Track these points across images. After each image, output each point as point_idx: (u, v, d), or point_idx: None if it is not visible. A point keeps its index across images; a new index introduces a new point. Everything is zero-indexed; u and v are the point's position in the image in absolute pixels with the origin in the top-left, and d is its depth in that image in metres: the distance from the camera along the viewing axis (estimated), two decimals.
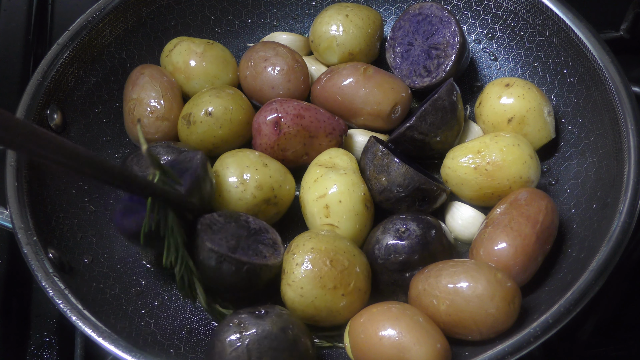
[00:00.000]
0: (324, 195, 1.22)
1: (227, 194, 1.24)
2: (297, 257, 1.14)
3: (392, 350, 1.03)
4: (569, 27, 1.36)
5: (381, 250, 1.18)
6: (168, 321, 1.23)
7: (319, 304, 1.12)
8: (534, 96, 1.32)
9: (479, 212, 1.28)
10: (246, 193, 1.24)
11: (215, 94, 1.35)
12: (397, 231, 1.18)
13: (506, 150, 1.25)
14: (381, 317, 1.07)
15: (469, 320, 1.07)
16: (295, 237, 1.20)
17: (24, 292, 1.36)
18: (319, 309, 1.12)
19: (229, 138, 1.35)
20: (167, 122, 1.37)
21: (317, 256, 1.12)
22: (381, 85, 1.36)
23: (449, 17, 1.40)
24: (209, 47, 1.45)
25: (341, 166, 1.27)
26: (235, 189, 1.24)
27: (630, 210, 1.12)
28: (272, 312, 1.08)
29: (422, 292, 1.12)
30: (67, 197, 1.30)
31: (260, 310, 1.08)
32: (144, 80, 1.39)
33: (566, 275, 1.15)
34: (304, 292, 1.12)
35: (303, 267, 1.12)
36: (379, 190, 1.26)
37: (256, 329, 1.05)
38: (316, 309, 1.12)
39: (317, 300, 1.12)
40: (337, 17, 1.45)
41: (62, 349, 1.29)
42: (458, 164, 1.28)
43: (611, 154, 1.23)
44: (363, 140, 1.38)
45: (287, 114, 1.30)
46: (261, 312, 1.08)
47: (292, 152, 1.32)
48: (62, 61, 1.36)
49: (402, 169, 1.23)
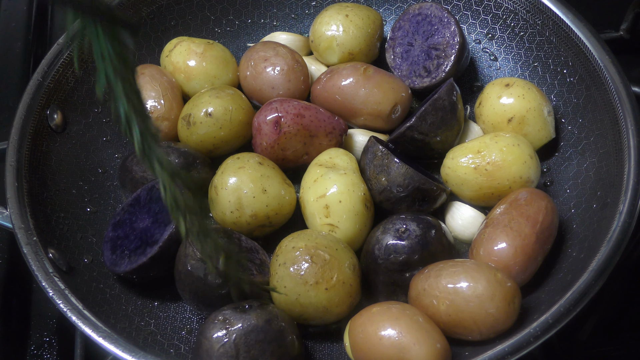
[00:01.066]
0: (324, 195, 1.22)
1: (222, 214, 1.24)
2: (279, 257, 1.15)
3: (392, 350, 1.03)
4: (569, 27, 1.36)
5: (381, 250, 1.18)
6: (168, 321, 1.23)
7: (304, 300, 1.12)
8: (534, 96, 1.32)
9: (479, 212, 1.28)
10: (241, 219, 1.23)
11: (215, 95, 1.35)
12: (397, 231, 1.18)
13: (506, 150, 1.25)
14: (381, 317, 1.07)
15: (469, 321, 1.07)
16: (281, 241, 1.20)
17: (24, 292, 1.36)
18: (305, 306, 1.13)
19: (229, 139, 1.35)
20: (167, 122, 1.37)
21: (298, 254, 1.13)
22: (381, 85, 1.36)
23: (449, 18, 1.40)
24: (209, 47, 1.45)
25: (341, 166, 1.27)
26: (230, 213, 1.23)
27: (630, 210, 1.12)
28: (255, 305, 1.09)
29: (422, 292, 1.12)
30: (67, 197, 1.30)
31: (244, 305, 1.09)
32: (144, 80, 1.39)
33: (566, 275, 1.15)
34: (287, 291, 1.12)
35: (285, 266, 1.13)
36: (379, 190, 1.26)
37: (242, 323, 1.05)
38: (302, 306, 1.13)
39: (301, 297, 1.12)
40: (337, 17, 1.45)
41: (62, 349, 1.29)
42: (458, 164, 1.28)
43: (611, 154, 1.23)
44: (363, 140, 1.38)
45: (287, 113, 1.30)
46: (245, 306, 1.08)
47: (292, 151, 1.32)
48: (62, 61, 1.36)
49: (402, 169, 1.23)
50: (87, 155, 1.38)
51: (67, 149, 1.35)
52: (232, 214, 1.23)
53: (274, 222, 1.26)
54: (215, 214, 1.25)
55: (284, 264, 1.13)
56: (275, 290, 1.13)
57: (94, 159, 1.39)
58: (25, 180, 1.22)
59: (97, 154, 1.40)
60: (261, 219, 1.24)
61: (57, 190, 1.29)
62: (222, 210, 1.24)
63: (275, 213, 1.25)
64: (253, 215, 1.23)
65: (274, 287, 1.14)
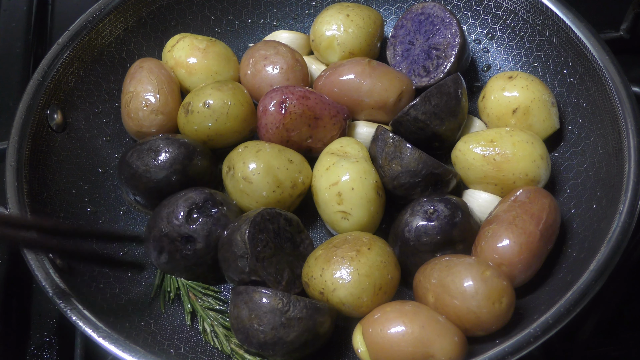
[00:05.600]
0: (337, 183, 1.23)
1: (264, 198, 1.26)
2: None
3: (416, 346, 1.04)
4: (569, 27, 1.36)
5: (411, 232, 1.19)
6: (168, 321, 1.23)
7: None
8: (538, 87, 1.33)
9: (494, 195, 1.28)
10: (284, 194, 1.27)
11: (218, 87, 1.35)
12: (426, 212, 1.19)
13: (518, 145, 1.25)
14: (398, 315, 1.08)
15: (453, 316, 1.08)
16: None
17: (24, 292, 1.36)
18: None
19: (223, 132, 1.34)
20: (162, 115, 1.37)
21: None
22: (387, 74, 1.37)
23: (451, 18, 1.41)
24: (212, 44, 1.45)
25: (352, 154, 1.29)
26: (273, 193, 1.26)
27: (630, 210, 1.12)
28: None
29: (418, 283, 1.15)
30: (67, 197, 1.30)
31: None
32: (142, 74, 1.39)
33: (566, 275, 1.15)
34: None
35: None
36: (392, 177, 1.26)
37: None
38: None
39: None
40: (338, 16, 1.45)
41: (62, 349, 1.29)
42: (469, 148, 1.28)
43: (611, 155, 1.23)
44: (367, 131, 1.39)
45: (292, 94, 1.32)
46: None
47: (297, 133, 1.33)
48: (62, 61, 1.36)
49: (416, 154, 1.24)
50: (87, 155, 1.38)
51: (67, 149, 1.35)
52: (274, 193, 1.26)
53: (307, 187, 1.31)
54: (255, 199, 1.26)
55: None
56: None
57: (94, 159, 1.39)
58: (25, 180, 1.22)
59: (97, 154, 1.40)
60: (299, 187, 1.29)
61: (57, 190, 1.29)
62: (263, 194, 1.25)
63: (307, 177, 1.30)
64: (293, 186, 1.27)
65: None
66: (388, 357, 1.07)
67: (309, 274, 1.17)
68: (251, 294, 1.11)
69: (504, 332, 1.08)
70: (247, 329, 1.10)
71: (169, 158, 1.28)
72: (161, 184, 1.28)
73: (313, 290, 1.16)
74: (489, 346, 1.04)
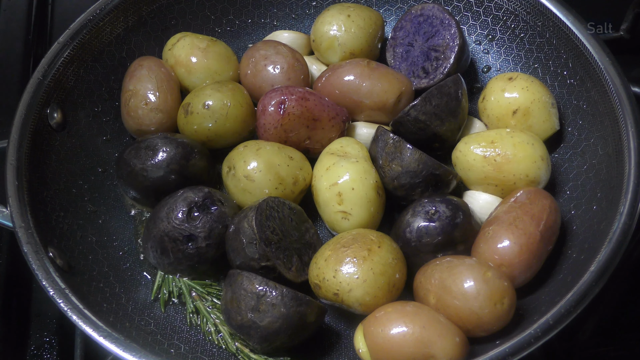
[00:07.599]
0: (337, 183, 1.24)
1: (267, 195, 1.26)
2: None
3: (417, 346, 1.05)
4: (569, 29, 1.36)
5: (412, 233, 1.19)
6: (168, 321, 1.23)
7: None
8: (538, 88, 1.33)
9: (495, 196, 1.28)
10: (286, 191, 1.29)
11: (217, 88, 1.35)
12: (427, 213, 1.19)
13: (519, 146, 1.25)
14: (399, 316, 1.08)
15: (455, 317, 1.09)
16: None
17: (24, 291, 1.36)
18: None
19: (222, 133, 1.34)
20: (162, 113, 1.37)
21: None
22: (386, 75, 1.38)
23: (450, 20, 1.41)
24: (212, 44, 1.45)
25: (353, 154, 1.29)
26: (275, 190, 1.27)
27: (630, 211, 1.12)
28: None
29: (419, 284, 1.15)
30: (67, 196, 1.30)
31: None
32: (142, 72, 1.39)
33: (566, 276, 1.15)
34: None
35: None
36: (393, 177, 1.26)
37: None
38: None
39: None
40: (339, 16, 1.45)
41: (62, 349, 1.29)
42: (469, 149, 1.29)
43: (611, 156, 1.23)
44: (367, 132, 1.39)
45: (291, 95, 1.32)
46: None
47: (295, 134, 1.33)
48: (63, 60, 1.36)
49: (416, 155, 1.24)
50: (87, 154, 1.38)
51: (67, 147, 1.35)
52: (277, 190, 1.26)
53: (307, 183, 1.32)
54: (257, 198, 1.26)
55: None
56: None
57: (93, 157, 1.39)
58: (25, 179, 1.22)
59: (97, 153, 1.40)
60: (301, 183, 1.29)
61: (57, 189, 1.29)
62: (265, 191, 1.26)
63: (308, 173, 1.31)
64: (295, 182, 1.28)
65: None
66: (389, 357, 1.07)
67: (319, 275, 1.16)
68: (236, 276, 1.14)
69: (504, 333, 1.08)
70: (229, 310, 1.14)
71: (166, 157, 1.28)
72: (158, 183, 1.28)
73: (326, 292, 1.15)
74: (489, 347, 1.04)
